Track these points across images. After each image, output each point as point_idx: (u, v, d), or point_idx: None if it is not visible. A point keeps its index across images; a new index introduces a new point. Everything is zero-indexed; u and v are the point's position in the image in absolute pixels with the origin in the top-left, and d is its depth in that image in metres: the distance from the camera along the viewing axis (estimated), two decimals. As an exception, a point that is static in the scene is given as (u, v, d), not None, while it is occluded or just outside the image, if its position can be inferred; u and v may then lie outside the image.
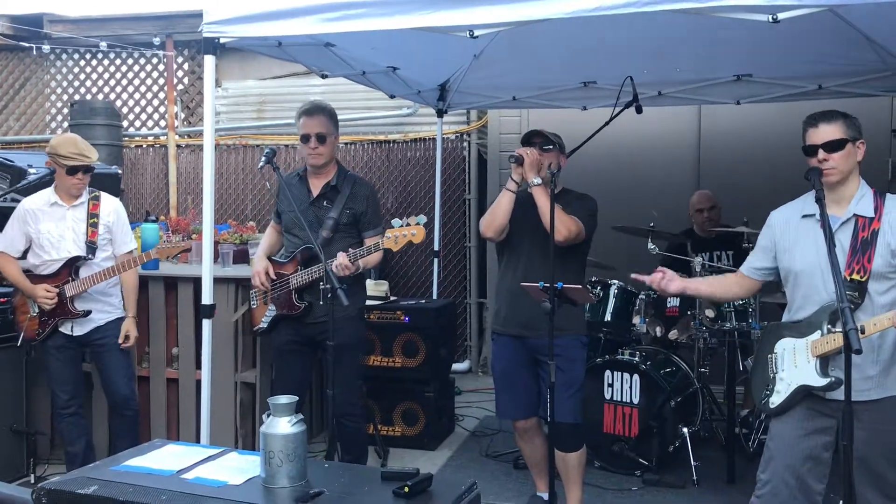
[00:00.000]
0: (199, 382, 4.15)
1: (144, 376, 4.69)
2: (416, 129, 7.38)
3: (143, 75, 8.19)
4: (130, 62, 8.17)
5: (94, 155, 4.01)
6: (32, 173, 4.82)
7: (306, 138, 3.85)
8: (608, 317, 4.75)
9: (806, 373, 2.72)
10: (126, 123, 8.09)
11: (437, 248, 6.18)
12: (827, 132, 2.73)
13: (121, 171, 6.65)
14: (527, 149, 3.52)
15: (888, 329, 2.55)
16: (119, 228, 4.13)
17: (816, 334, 2.70)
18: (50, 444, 4.64)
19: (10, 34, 8.00)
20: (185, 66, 8.12)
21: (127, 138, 8.00)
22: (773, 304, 4.24)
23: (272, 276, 3.91)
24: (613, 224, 4.77)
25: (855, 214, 2.74)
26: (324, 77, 4.86)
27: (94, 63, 8.27)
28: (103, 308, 4.08)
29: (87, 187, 4.09)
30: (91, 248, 4.01)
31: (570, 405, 3.56)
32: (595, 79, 5.37)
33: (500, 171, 6.86)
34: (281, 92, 7.71)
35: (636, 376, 4.41)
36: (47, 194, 4.05)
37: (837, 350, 2.58)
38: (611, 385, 4.48)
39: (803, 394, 2.74)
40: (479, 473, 4.50)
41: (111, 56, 8.14)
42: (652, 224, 4.78)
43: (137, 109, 8.22)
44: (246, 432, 4.62)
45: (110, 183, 5.13)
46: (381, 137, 7.42)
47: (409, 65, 5.17)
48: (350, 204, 3.86)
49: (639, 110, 3.72)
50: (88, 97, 8.20)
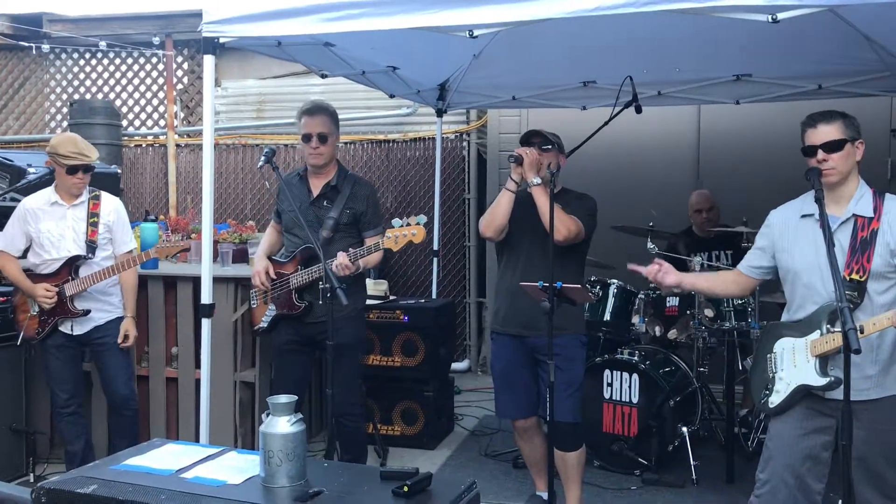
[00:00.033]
0: (198, 382, 4.15)
1: (144, 376, 4.69)
2: (415, 128, 7.38)
3: (142, 75, 8.20)
4: (130, 62, 8.18)
5: (94, 154, 4.01)
6: (32, 173, 4.83)
7: (308, 138, 3.84)
8: (607, 316, 4.75)
9: (805, 372, 2.72)
10: (125, 123, 8.09)
11: (436, 247, 6.18)
12: (826, 133, 2.73)
13: (120, 170, 6.65)
14: (526, 149, 3.53)
15: (887, 329, 2.55)
16: (119, 228, 4.14)
17: (816, 334, 2.70)
18: (49, 444, 4.64)
19: (9, 33, 8.00)
20: (185, 66, 8.12)
21: (126, 138, 8.01)
22: (773, 303, 4.25)
23: (272, 275, 3.91)
24: (613, 224, 4.77)
25: (854, 214, 2.74)
26: (323, 77, 4.85)
27: (93, 62, 8.27)
28: (103, 307, 4.08)
29: (88, 186, 4.09)
30: (91, 247, 4.01)
31: (570, 404, 3.57)
32: (595, 78, 5.37)
33: (499, 171, 6.86)
34: (280, 91, 7.71)
35: (635, 376, 4.42)
36: (48, 193, 4.05)
37: (837, 350, 2.58)
38: (610, 384, 4.48)
39: (802, 393, 2.74)
40: (479, 473, 4.50)
41: (111, 55, 8.14)
42: (651, 224, 4.78)
43: (137, 109, 8.22)
44: (245, 432, 4.62)
45: (110, 182, 5.13)
46: (381, 137, 7.42)
47: (408, 64, 5.16)
48: (350, 204, 3.86)
49: (638, 110, 3.72)
50: (88, 96, 8.20)
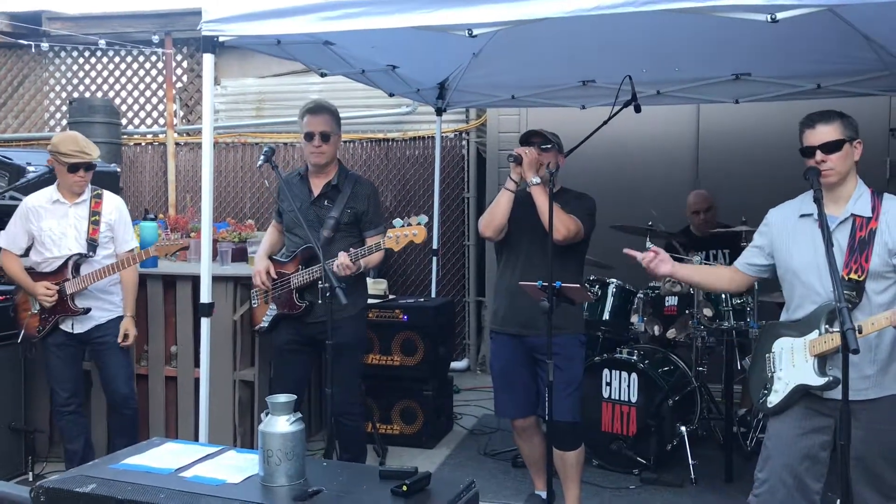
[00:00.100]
0: (197, 381, 4.14)
1: (143, 375, 4.68)
2: (415, 127, 7.37)
3: (141, 73, 8.19)
4: (129, 60, 8.17)
5: (94, 152, 4.02)
6: (31, 171, 4.84)
7: (310, 136, 3.84)
8: (606, 315, 4.75)
9: (804, 372, 2.73)
10: (125, 121, 8.09)
11: (435, 246, 6.17)
12: (824, 133, 2.72)
13: (119, 169, 6.66)
14: (525, 148, 3.53)
15: (886, 328, 2.55)
16: (121, 227, 4.14)
17: (814, 334, 2.70)
18: (48, 442, 4.64)
19: (8, 31, 7.99)
20: (184, 64, 8.11)
21: (126, 136, 8.00)
22: (772, 303, 4.25)
23: (273, 275, 3.91)
24: (612, 223, 4.77)
25: (852, 214, 2.74)
26: (323, 75, 4.85)
27: (92, 61, 8.26)
28: (104, 306, 4.08)
29: (90, 185, 4.10)
30: (92, 245, 4.01)
31: (569, 404, 3.57)
32: (594, 78, 5.37)
33: (498, 170, 6.85)
34: (280, 90, 7.71)
35: (634, 375, 4.42)
36: (50, 192, 4.06)
37: (835, 349, 2.59)
38: (609, 384, 4.48)
39: (801, 393, 2.74)
40: (478, 472, 4.50)
41: (110, 54, 8.14)
42: (650, 223, 4.78)
43: (136, 107, 8.21)
44: (244, 431, 4.62)
45: (109, 181, 5.13)
46: (380, 136, 7.42)
47: (408, 63, 5.16)
48: (351, 203, 3.86)
49: (637, 109, 3.72)
50: (87, 95, 8.20)
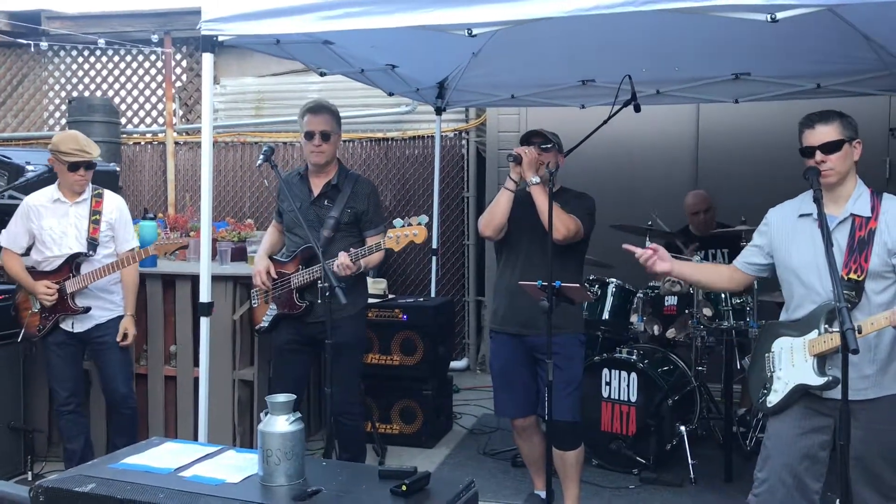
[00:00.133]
0: (196, 380, 4.14)
1: (142, 374, 4.68)
2: (414, 126, 7.37)
3: (141, 72, 8.18)
4: (129, 59, 8.16)
5: (95, 151, 4.02)
6: (30, 170, 4.83)
7: (310, 136, 3.83)
8: (606, 315, 4.75)
9: (803, 372, 2.73)
10: (124, 120, 8.08)
11: (435, 246, 6.17)
12: (824, 133, 2.72)
13: (119, 168, 6.66)
14: (525, 148, 3.53)
15: (885, 328, 2.56)
16: (122, 226, 4.14)
17: (814, 333, 2.70)
18: (48, 442, 4.64)
19: (7, 30, 7.98)
20: (184, 64, 8.11)
21: (125, 135, 8.00)
22: (771, 302, 4.25)
23: (273, 275, 3.91)
24: (611, 223, 4.77)
25: (852, 214, 2.74)
26: (322, 75, 4.85)
27: (91, 60, 8.25)
28: (104, 305, 4.08)
29: (91, 184, 4.10)
30: (92, 244, 4.01)
31: (568, 403, 3.57)
32: (594, 77, 5.36)
33: (498, 169, 6.85)
34: (279, 89, 7.70)
35: (634, 374, 4.42)
36: (50, 191, 4.06)
37: (835, 349, 2.59)
38: (608, 383, 4.48)
39: (800, 393, 2.74)
40: (477, 471, 4.50)
41: (109, 53, 8.13)
42: (650, 223, 4.78)
43: (136, 106, 8.21)
44: (244, 430, 4.61)
45: (108, 180, 5.12)
46: (380, 135, 7.42)
47: (407, 63, 5.16)
48: (351, 203, 3.85)
49: (637, 109, 3.72)
50: (86, 94, 8.19)
